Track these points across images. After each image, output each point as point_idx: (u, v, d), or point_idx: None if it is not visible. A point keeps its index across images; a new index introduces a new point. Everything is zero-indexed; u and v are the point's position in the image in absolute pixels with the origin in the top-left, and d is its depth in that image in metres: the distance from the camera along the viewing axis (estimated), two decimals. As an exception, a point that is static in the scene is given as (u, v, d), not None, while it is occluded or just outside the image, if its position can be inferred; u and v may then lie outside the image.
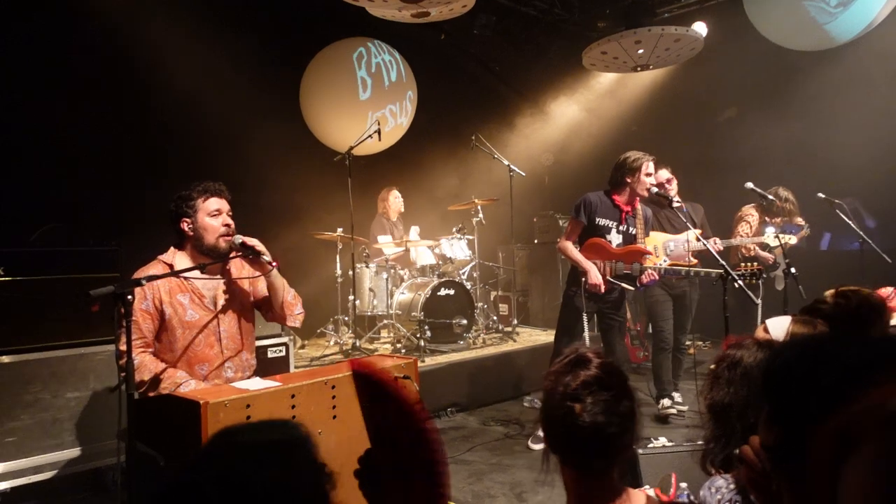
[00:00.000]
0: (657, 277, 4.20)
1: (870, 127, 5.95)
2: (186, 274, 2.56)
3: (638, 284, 4.16)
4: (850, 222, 4.96)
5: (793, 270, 4.17)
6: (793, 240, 4.86)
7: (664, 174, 4.79)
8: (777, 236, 4.68)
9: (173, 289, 2.59)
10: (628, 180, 4.13)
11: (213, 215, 2.66)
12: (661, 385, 4.83)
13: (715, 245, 4.44)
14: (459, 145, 7.11)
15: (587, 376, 1.31)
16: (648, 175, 4.09)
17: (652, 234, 4.63)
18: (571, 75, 7.93)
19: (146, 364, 2.46)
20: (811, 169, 6.15)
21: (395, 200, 6.59)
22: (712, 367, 1.58)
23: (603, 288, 4.06)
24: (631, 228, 4.19)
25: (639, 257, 4.13)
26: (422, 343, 5.49)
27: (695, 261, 4.74)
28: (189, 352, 2.58)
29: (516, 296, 7.28)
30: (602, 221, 4.16)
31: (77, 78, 4.92)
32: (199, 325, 2.61)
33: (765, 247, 5.71)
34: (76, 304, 3.29)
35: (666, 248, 4.80)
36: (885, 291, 3.19)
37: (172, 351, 2.57)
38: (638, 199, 4.20)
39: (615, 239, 4.17)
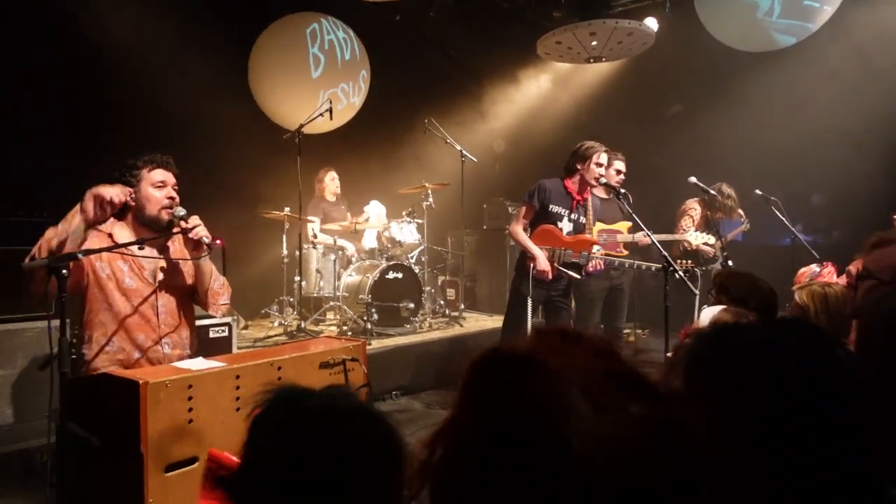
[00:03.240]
0: (603, 267, 4.29)
1: (817, 125, 6.19)
2: (123, 250, 2.47)
3: (583, 273, 4.25)
4: (783, 218, 5.21)
5: (730, 263, 4.34)
6: (711, 240, 5.02)
7: (620, 165, 4.85)
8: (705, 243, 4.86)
9: (113, 254, 2.50)
10: (579, 167, 4.19)
11: (157, 186, 2.57)
12: None
13: (644, 239, 4.53)
14: (412, 128, 7.05)
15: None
16: (599, 165, 4.16)
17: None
18: (526, 63, 7.97)
19: (47, 236, 2.34)
20: (753, 166, 6.40)
21: (331, 182, 6.47)
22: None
23: (551, 274, 4.13)
24: (581, 217, 4.27)
25: (587, 247, 4.21)
26: (368, 326, 5.45)
27: (625, 252, 4.81)
28: (128, 320, 2.51)
29: (464, 281, 7.32)
30: (555, 208, 4.21)
31: (11, 42, 4.63)
32: (138, 295, 2.54)
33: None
34: (5, 278, 3.11)
35: (600, 237, 4.88)
36: (807, 269, 3.38)
37: (111, 311, 2.49)
38: (589, 188, 4.27)
39: (566, 227, 4.23)
